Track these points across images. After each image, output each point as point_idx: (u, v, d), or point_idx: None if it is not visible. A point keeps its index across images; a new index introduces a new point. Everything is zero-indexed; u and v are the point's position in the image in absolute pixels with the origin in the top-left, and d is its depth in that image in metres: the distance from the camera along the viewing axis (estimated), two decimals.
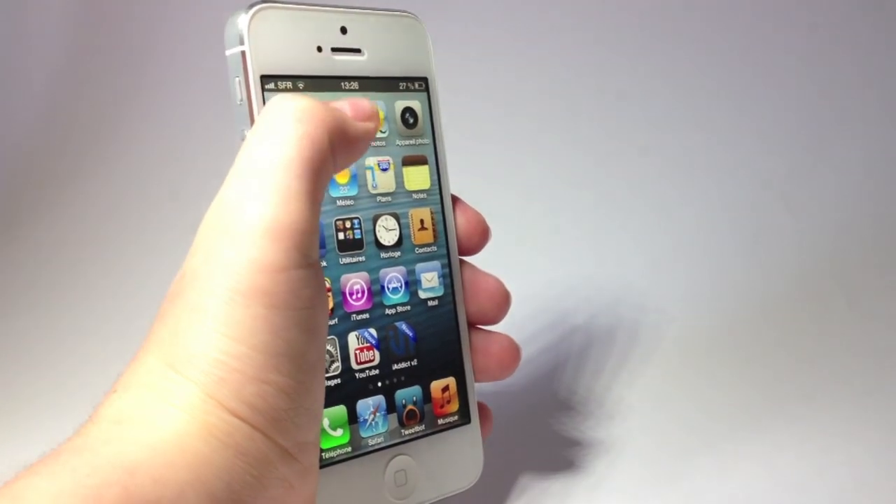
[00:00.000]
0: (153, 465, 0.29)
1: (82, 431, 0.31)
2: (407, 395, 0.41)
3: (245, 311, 0.31)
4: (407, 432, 0.41)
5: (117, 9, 0.90)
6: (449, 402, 0.43)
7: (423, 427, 0.41)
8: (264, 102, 0.37)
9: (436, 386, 0.42)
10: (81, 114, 0.74)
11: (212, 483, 0.30)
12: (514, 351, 0.43)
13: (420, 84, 0.42)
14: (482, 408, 0.44)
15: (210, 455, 0.31)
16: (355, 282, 0.40)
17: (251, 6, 0.37)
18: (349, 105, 0.36)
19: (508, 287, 0.44)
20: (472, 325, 0.44)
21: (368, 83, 0.40)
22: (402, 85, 0.41)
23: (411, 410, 0.41)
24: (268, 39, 0.37)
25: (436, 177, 0.43)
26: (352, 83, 0.40)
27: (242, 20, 0.36)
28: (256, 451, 0.32)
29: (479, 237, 0.44)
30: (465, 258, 0.44)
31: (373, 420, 0.40)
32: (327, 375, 0.38)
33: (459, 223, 0.43)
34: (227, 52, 0.37)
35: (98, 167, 0.81)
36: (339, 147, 0.34)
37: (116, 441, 0.30)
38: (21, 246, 0.69)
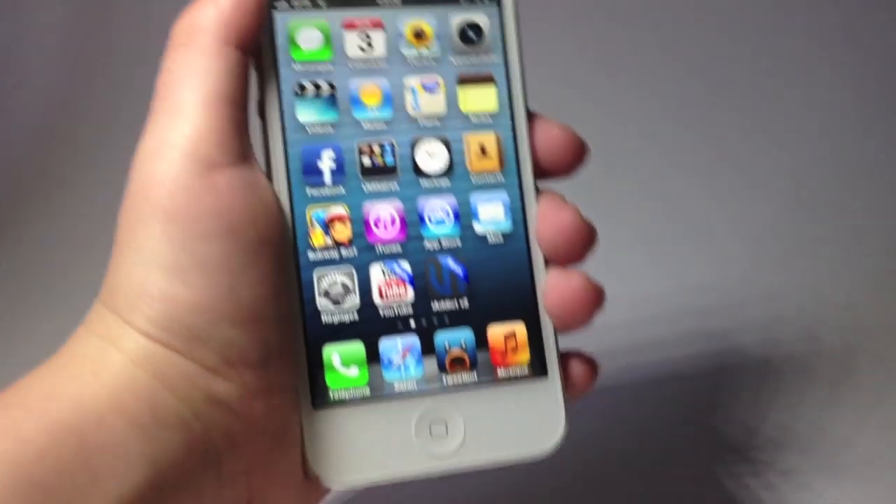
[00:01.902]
0: (74, 394, 0.30)
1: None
2: (452, 337, 0.36)
3: (145, 229, 0.32)
4: (451, 381, 0.36)
5: (118, 7, 0.89)
6: (515, 351, 0.36)
7: (474, 377, 0.36)
8: (272, 21, 0.36)
9: (496, 331, 0.36)
10: (83, 112, 0.76)
11: (133, 408, 0.30)
12: (587, 292, 0.35)
13: None
14: (580, 359, 0.37)
15: (128, 380, 0.31)
16: (383, 210, 0.36)
17: None
18: None
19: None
20: (547, 265, 0.37)
21: None
22: None
23: (458, 357, 0.36)
24: None
25: (506, 99, 0.37)
26: None
27: None
28: (176, 374, 0.31)
29: (569, 154, 0.37)
30: (547, 190, 0.38)
31: (402, 362, 0.36)
32: (340, 309, 0.35)
33: (542, 140, 0.37)
34: None
35: (99, 166, 0.81)
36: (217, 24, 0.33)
37: (41, 376, 0.31)
38: (21, 246, 0.72)
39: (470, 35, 0.37)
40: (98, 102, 0.86)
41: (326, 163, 0.36)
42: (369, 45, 0.37)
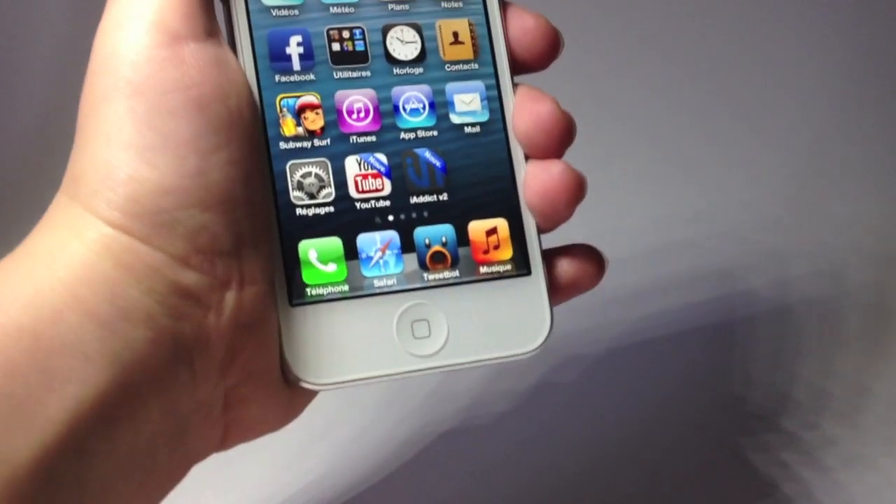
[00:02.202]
0: (26, 292, 0.27)
1: None
2: (432, 233, 0.34)
3: (109, 107, 0.29)
4: (432, 277, 0.34)
5: None
6: (497, 247, 0.35)
7: (456, 274, 0.34)
8: None
9: (477, 227, 0.35)
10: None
11: (92, 301, 0.27)
12: (567, 181, 0.34)
13: None
14: (582, 253, 0.35)
15: (86, 272, 0.28)
16: (356, 99, 0.34)
17: None
18: None
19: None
20: (527, 159, 0.36)
21: None
22: None
23: (438, 252, 0.34)
24: None
25: None
26: None
27: None
28: (140, 263, 0.28)
29: (545, 45, 0.36)
30: (523, 81, 0.36)
31: (381, 258, 0.33)
32: (315, 202, 0.33)
33: (515, 31, 0.36)
34: None
35: None
36: None
37: None
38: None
39: None
40: None
41: (294, 48, 0.34)
42: None
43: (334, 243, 0.33)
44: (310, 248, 0.33)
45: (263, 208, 0.32)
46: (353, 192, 0.34)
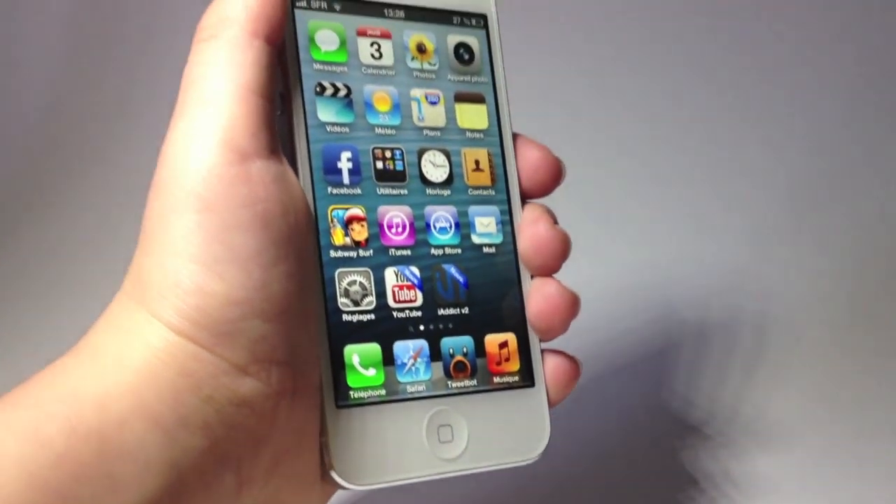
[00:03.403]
0: (96, 394, 0.28)
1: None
2: (455, 344, 0.37)
3: (178, 221, 0.30)
4: (455, 385, 0.37)
5: (117, 5, 0.89)
6: (508, 359, 0.38)
7: (474, 382, 0.37)
8: (294, 19, 0.35)
9: (492, 340, 0.38)
10: (83, 111, 0.76)
11: (155, 407, 0.28)
12: (561, 301, 0.38)
13: (478, 21, 0.40)
14: (563, 360, 0.39)
15: (152, 378, 0.29)
16: (395, 214, 0.37)
17: None
18: None
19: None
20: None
21: (416, 13, 0.38)
22: (456, 19, 0.39)
23: (460, 362, 0.37)
24: None
25: (495, 118, 0.40)
26: (396, 11, 0.38)
27: None
28: (202, 370, 0.29)
29: (548, 175, 0.40)
30: (534, 201, 0.40)
31: (413, 365, 0.36)
32: (359, 309, 0.35)
33: (523, 162, 0.40)
34: None
35: (99, 165, 0.81)
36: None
37: (62, 371, 0.29)
38: (22, 246, 0.70)
39: (463, 54, 0.39)
40: (98, 101, 0.80)
41: (345, 163, 0.36)
42: (379, 53, 0.38)
43: (374, 349, 0.35)
44: (353, 353, 0.35)
45: (314, 317, 0.34)
46: (391, 302, 0.36)
